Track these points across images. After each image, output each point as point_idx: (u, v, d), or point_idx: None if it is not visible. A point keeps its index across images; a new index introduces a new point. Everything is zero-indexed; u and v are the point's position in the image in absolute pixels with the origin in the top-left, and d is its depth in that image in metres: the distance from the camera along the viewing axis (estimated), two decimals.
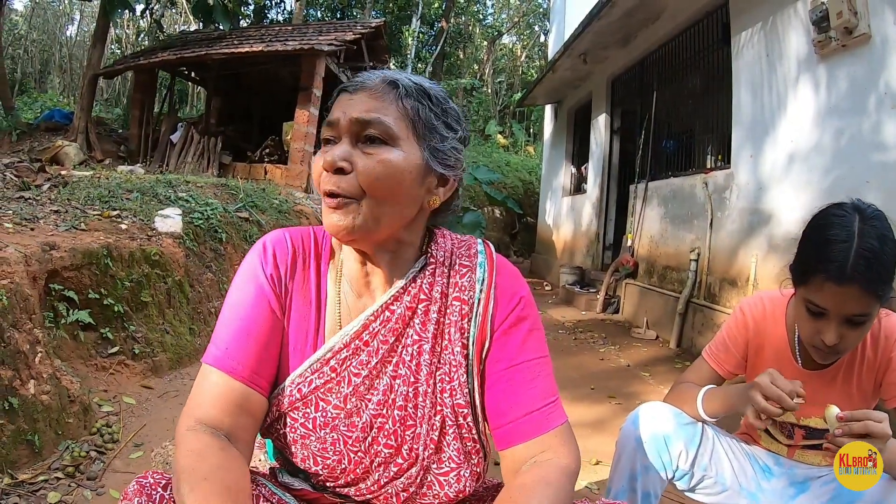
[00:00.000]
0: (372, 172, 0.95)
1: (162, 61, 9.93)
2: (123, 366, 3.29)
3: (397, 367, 1.03)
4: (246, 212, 5.44)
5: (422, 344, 1.04)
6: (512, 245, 15.44)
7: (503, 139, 21.70)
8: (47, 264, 2.94)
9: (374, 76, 1.01)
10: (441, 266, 1.09)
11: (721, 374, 1.68)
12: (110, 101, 19.24)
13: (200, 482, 0.86)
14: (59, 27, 23.42)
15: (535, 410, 1.03)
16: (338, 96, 1.02)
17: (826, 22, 3.79)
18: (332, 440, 1.01)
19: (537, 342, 1.09)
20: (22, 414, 2.30)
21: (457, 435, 1.03)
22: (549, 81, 10.22)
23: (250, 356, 1.00)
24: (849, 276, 1.26)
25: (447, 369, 1.04)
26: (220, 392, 0.98)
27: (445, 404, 1.03)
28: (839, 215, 1.34)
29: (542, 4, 26.52)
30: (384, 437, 1.01)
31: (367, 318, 1.04)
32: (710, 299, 5.33)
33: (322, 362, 1.03)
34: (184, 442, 0.94)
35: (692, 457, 1.54)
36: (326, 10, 21.24)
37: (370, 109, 0.97)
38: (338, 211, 0.96)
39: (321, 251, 1.11)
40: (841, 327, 1.34)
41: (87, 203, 4.03)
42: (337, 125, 0.98)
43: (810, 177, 4.09)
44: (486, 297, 1.07)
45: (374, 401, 1.02)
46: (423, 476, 1.02)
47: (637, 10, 6.58)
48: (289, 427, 1.03)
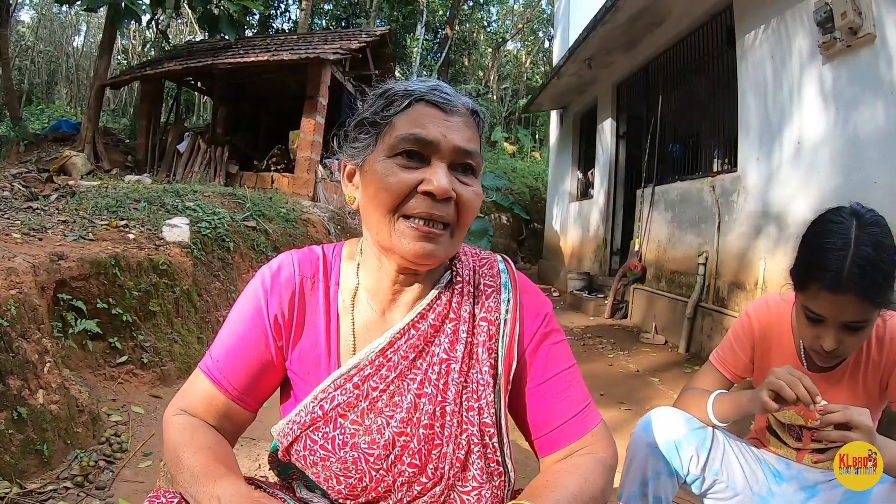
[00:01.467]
0: (472, 204, 0.98)
1: (168, 71, 9.98)
2: (132, 375, 3.30)
3: (422, 385, 1.01)
4: (253, 221, 5.46)
5: (450, 363, 1.03)
6: (519, 251, 15.42)
7: (509, 145, 21.70)
8: (55, 274, 2.95)
9: (457, 98, 1.00)
10: (467, 285, 1.09)
11: (729, 377, 1.68)
12: (117, 112, 19.31)
13: (201, 449, 0.91)
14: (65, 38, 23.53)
15: (571, 418, 1.06)
16: (410, 104, 0.97)
17: (830, 23, 3.77)
18: (352, 459, 0.98)
19: (564, 353, 1.12)
20: (31, 423, 2.30)
21: (482, 454, 1.01)
22: (554, 87, 10.22)
23: (240, 377, 1.04)
24: (844, 285, 1.27)
25: (475, 388, 1.03)
26: (207, 398, 1.03)
27: (472, 423, 1.01)
28: (836, 222, 1.34)
29: (547, 10, 26.56)
30: (408, 457, 0.99)
31: (394, 336, 1.03)
32: (718, 303, 5.29)
33: (346, 378, 1.01)
34: (174, 422, 1.00)
35: (703, 461, 1.54)
36: (331, 20, 21.31)
37: (470, 139, 0.98)
38: (433, 241, 0.95)
39: (329, 271, 1.10)
40: (839, 333, 1.35)
41: (95, 213, 4.05)
42: (436, 147, 0.95)
43: (817, 178, 4.06)
44: (513, 318, 1.08)
45: (398, 419, 1.00)
46: (447, 495, 1.00)
47: (641, 15, 6.57)
48: (308, 450, 1.01)
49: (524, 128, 24.14)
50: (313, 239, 6.34)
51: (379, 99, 1.01)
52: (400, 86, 1.00)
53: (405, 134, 0.94)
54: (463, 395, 1.02)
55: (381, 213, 0.96)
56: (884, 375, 1.49)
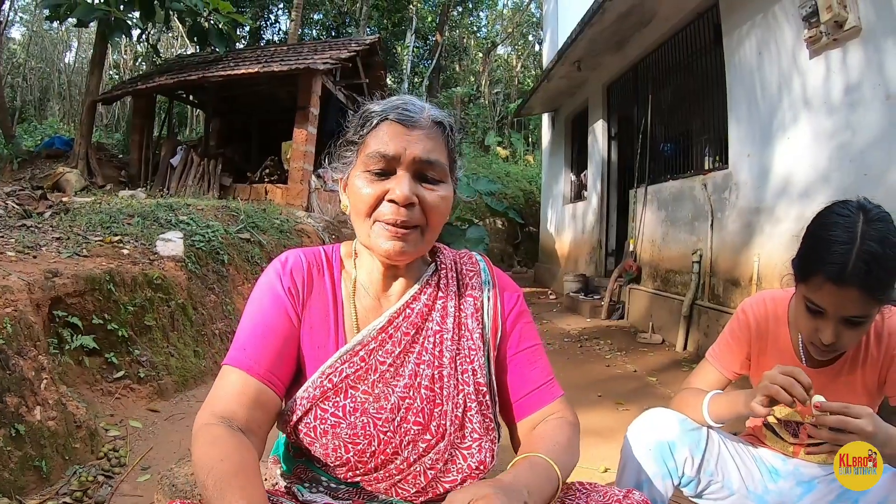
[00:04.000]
0: (436, 207, 1.12)
1: (160, 85, 9.99)
2: (129, 390, 3.30)
3: (420, 355, 1.16)
4: (247, 233, 5.46)
5: (443, 334, 1.18)
6: (515, 255, 15.44)
7: (502, 150, 21.73)
8: (50, 291, 2.95)
9: (421, 112, 1.13)
10: (450, 271, 1.27)
11: (726, 375, 1.67)
12: (110, 127, 19.31)
13: (217, 464, 0.94)
14: (56, 54, 23.55)
15: (541, 385, 1.25)
16: (378, 124, 1.12)
17: (816, 17, 3.81)
18: (362, 424, 1.10)
19: (534, 331, 1.31)
20: (29, 440, 2.30)
21: (478, 410, 1.15)
22: (544, 90, 10.26)
23: (267, 355, 1.11)
24: (848, 279, 1.27)
25: (466, 353, 1.19)
26: (237, 389, 1.08)
27: (467, 384, 1.16)
28: (843, 215, 1.34)
29: (536, 14, 26.63)
30: (413, 416, 1.12)
31: (391, 315, 1.17)
32: (714, 301, 5.31)
33: (352, 353, 1.14)
34: (200, 435, 1.03)
35: (698, 462, 1.54)
36: (321, 29, 21.36)
37: (430, 150, 1.11)
38: (403, 239, 1.09)
39: (332, 262, 1.25)
40: (838, 327, 1.35)
41: (89, 229, 4.05)
42: (399, 160, 1.09)
43: (808, 172, 4.09)
44: (494, 294, 1.27)
45: (401, 385, 1.13)
46: (450, 451, 1.13)
47: (628, 15, 6.62)
48: (319, 419, 1.11)
49: (517, 132, 24.19)
50: None
51: (358, 119, 1.16)
52: (374, 106, 1.14)
53: (372, 151, 1.10)
54: (457, 361, 1.18)
55: (361, 219, 1.12)
56: (882, 371, 1.49)
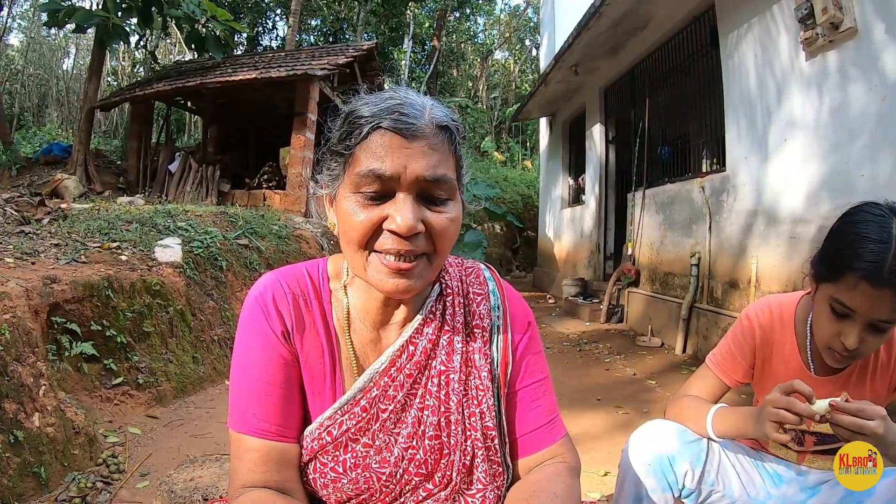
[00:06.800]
0: (446, 232, 0.92)
1: (157, 92, 9.99)
2: (128, 396, 3.29)
3: (424, 399, 1.02)
4: (245, 239, 5.46)
5: (449, 374, 1.03)
6: (514, 259, 15.44)
7: (500, 154, 21.76)
8: (49, 298, 2.95)
9: (421, 116, 0.90)
10: (457, 296, 1.09)
11: (728, 383, 1.62)
12: (108, 133, 19.31)
13: None
14: (55, 61, 23.61)
15: (543, 425, 1.10)
16: (369, 133, 0.89)
17: (812, 19, 3.83)
18: (364, 479, 1.00)
19: (542, 364, 1.14)
20: (27, 447, 2.29)
21: (485, 458, 1.03)
22: (542, 95, 10.29)
23: (276, 412, 0.99)
24: (885, 280, 1.20)
25: (474, 394, 1.04)
26: (257, 456, 0.97)
27: (476, 428, 1.03)
28: (877, 214, 1.27)
29: (533, 19, 26.74)
30: (415, 468, 1.01)
31: (393, 355, 1.02)
32: (713, 303, 5.32)
33: (353, 403, 1.00)
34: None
35: (698, 475, 1.50)
36: (319, 35, 21.41)
37: (436, 165, 0.90)
38: (407, 276, 0.91)
39: (320, 290, 1.06)
40: (863, 331, 1.29)
41: (88, 235, 4.05)
42: (398, 180, 0.88)
43: (806, 173, 4.10)
44: (504, 324, 1.11)
45: (404, 434, 1.01)
46: (453, 499, 1.02)
47: (624, 19, 6.64)
48: (318, 472, 1.01)
49: (514, 136, 24.24)
50: (306, 255, 6.33)
51: (343, 124, 0.94)
52: (362, 108, 0.91)
53: (364, 170, 0.88)
54: (464, 404, 1.03)
55: (353, 249, 0.92)
56: (892, 377, 1.46)
